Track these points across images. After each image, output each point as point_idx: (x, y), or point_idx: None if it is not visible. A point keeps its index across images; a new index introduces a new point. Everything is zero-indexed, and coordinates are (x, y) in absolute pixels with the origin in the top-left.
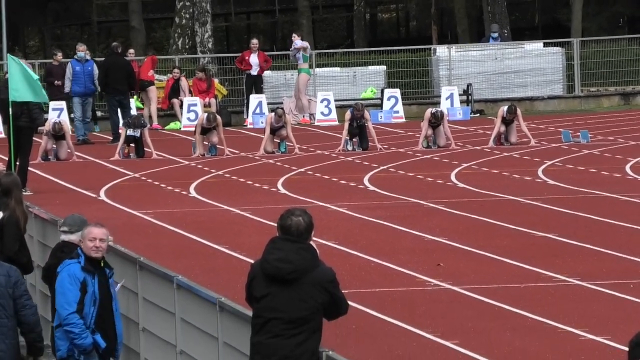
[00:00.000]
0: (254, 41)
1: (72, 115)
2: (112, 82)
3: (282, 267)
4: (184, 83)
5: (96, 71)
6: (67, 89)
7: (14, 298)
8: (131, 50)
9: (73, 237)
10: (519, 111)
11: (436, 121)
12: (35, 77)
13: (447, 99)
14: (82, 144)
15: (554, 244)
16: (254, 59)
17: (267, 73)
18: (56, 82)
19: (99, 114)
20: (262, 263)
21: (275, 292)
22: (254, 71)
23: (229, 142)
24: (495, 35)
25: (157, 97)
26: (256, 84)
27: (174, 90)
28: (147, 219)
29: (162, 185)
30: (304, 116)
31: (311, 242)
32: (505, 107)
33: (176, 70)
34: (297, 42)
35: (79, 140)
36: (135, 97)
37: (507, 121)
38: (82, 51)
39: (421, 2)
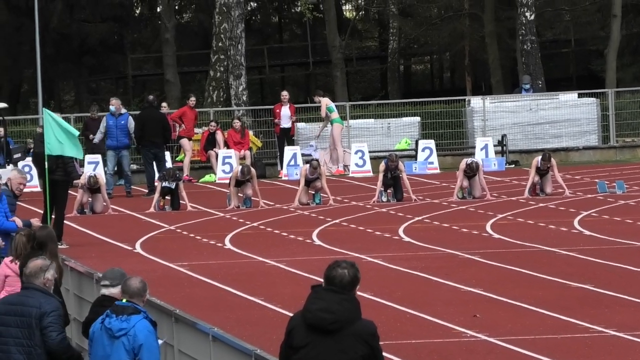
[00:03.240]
0: (284, 93)
1: (105, 169)
2: (148, 135)
3: (325, 317)
4: (220, 136)
5: (131, 124)
6: (95, 140)
7: (40, 328)
8: (164, 104)
9: (115, 291)
10: (553, 161)
11: (471, 172)
12: (75, 132)
13: (481, 149)
14: (128, 196)
15: (590, 295)
16: (284, 111)
17: (300, 125)
18: (91, 136)
19: (134, 167)
20: (304, 312)
21: (316, 342)
22: (286, 124)
23: (264, 194)
24: (527, 86)
25: (190, 149)
26: (287, 136)
27: (210, 143)
28: (183, 271)
29: (198, 237)
30: (337, 167)
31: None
32: (540, 157)
33: (213, 123)
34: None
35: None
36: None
37: (541, 171)
38: (112, 105)
39: (455, 53)
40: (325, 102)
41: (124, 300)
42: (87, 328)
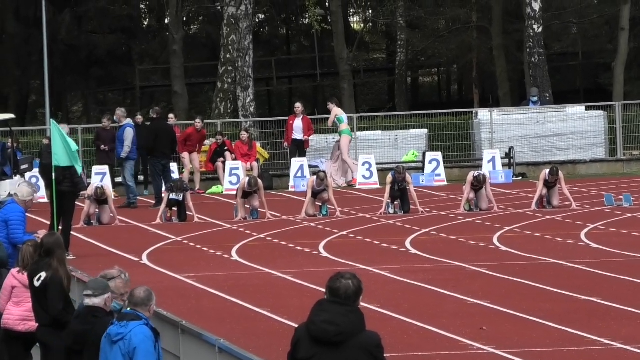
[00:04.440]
0: (298, 105)
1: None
2: (160, 146)
3: (329, 329)
4: (229, 148)
5: (127, 135)
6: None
7: None
8: (171, 115)
9: (97, 301)
10: (561, 174)
11: (478, 184)
12: (74, 147)
13: (489, 162)
14: (126, 206)
15: (597, 308)
16: (298, 122)
17: None
18: (102, 146)
19: (141, 177)
20: (308, 325)
21: (321, 354)
22: (299, 135)
23: (271, 206)
24: (535, 99)
25: (189, 164)
26: (300, 148)
27: (217, 154)
28: (189, 282)
29: (204, 249)
30: (350, 177)
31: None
32: (547, 170)
33: (219, 136)
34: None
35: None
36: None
37: (549, 184)
38: (116, 116)
39: (463, 65)
40: (335, 111)
41: (129, 309)
42: (80, 339)
